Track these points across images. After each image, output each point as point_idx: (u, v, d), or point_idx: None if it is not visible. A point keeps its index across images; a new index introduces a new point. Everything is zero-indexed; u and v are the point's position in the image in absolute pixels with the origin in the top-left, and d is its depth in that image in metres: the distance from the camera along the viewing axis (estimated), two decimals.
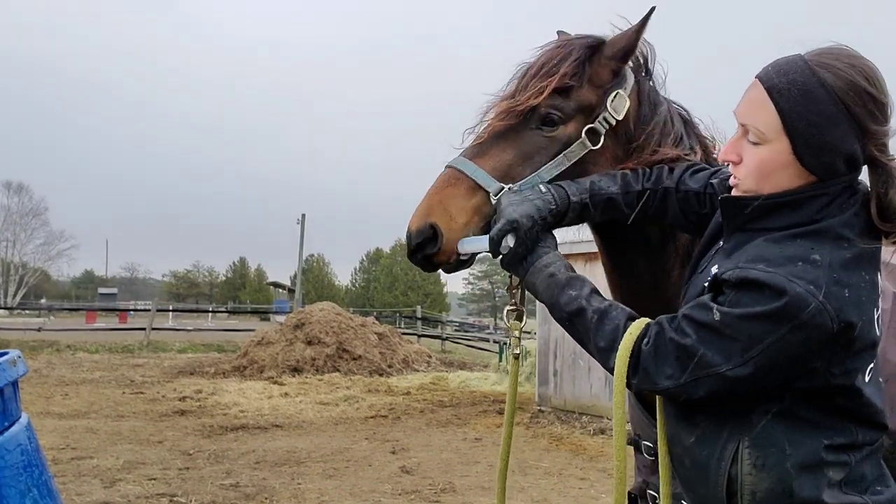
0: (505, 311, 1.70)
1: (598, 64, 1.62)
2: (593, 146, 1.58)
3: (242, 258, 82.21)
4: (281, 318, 26.55)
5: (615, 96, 1.58)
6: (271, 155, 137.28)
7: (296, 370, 14.03)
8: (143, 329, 22.15)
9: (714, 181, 1.53)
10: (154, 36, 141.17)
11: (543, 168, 1.56)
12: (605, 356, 1.35)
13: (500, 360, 15.85)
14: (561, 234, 1.61)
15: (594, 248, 1.84)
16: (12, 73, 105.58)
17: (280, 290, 57.42)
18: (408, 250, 1.55)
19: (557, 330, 9.60)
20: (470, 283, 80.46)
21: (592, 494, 5.76)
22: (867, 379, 1.25)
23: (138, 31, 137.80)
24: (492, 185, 1.53)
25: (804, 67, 1.23)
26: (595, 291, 1.42)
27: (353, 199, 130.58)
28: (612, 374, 1.32)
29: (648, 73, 1.72)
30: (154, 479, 5.89)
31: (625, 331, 1.31)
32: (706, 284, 1.29)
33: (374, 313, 33.57)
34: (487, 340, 26.09)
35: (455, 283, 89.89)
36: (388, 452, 7.27)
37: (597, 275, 1.74)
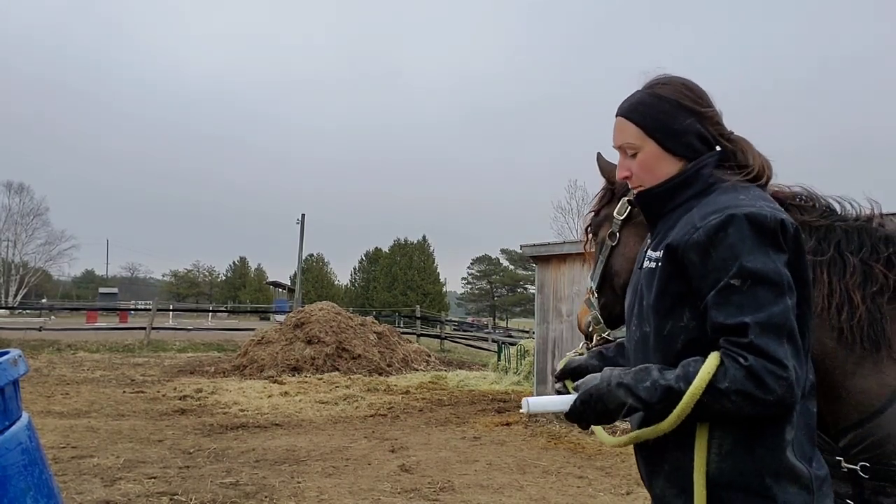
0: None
1: (610, 188, 2.21)
2: (613, 243, 2.11)
3: (242, 258, 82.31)
4: (281, 318, 26.57)
5: (620, 204, 2.11)
6: (272, 155, 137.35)
7: (295, 369, 14.06)
8: (144, 328, 22.19)
9: None
10: (148, 53, 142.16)
11: (595, 268, 2.17)
12: (719, 397, 1.38)
13: (499, 360, 15.88)
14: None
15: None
16: (12, 78, 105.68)
17: (280, 290, 57.36)
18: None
19: (556, 329, 9.61)
20: (469, 282, 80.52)
21: (590, 493, 5.79)
22: None
23: (131, 48, 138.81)
24: (592, 285, 2.20)
25: (641, 92, 1.67)
26: (661, 369, 1.47)
27: (352, 198, 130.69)
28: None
29: None
30: (154, 478, 5.91)
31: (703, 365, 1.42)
32: (657, 262, 1.55)
33: (374, 313, 33.64)
34: (486, 340, 26.12)
35: (454, 283, 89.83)
36: (387, 451, 7.29)
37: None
